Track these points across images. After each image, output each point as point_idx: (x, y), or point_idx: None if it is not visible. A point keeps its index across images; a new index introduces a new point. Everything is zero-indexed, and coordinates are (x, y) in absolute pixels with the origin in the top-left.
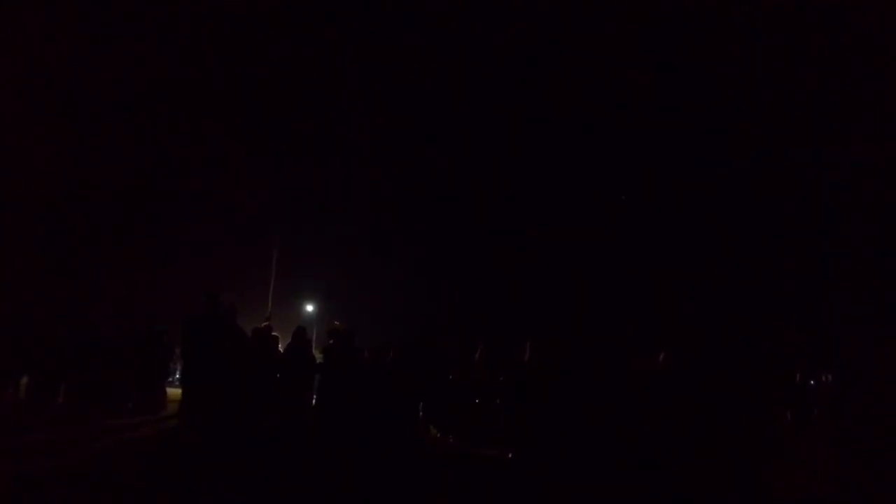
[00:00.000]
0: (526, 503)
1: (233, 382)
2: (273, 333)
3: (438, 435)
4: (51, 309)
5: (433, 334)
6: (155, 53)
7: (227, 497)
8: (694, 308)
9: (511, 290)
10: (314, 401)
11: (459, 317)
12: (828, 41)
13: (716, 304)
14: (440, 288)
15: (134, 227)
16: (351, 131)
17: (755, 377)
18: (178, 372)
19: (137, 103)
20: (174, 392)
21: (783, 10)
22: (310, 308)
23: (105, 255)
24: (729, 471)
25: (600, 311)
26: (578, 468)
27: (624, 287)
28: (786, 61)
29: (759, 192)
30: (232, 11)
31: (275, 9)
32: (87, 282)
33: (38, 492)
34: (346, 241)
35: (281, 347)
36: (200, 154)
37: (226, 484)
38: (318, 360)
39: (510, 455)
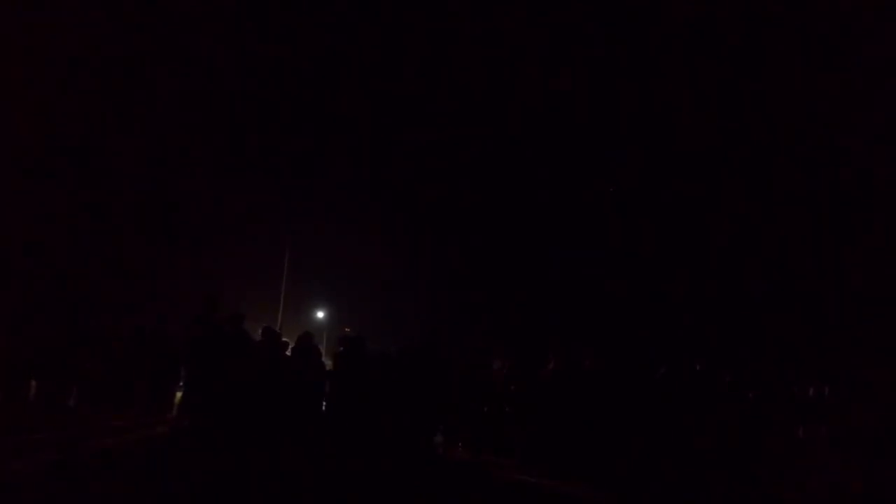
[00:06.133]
0: None
1: (235, 387)
2: (283, 339)
3: (445, 442)
4: (61, 312)
5: (443, 341)
6: (161, 54)
7: (231, 501)
8: (705, 320)
9: (524, 298)
10: (324, 407)
11: (471, 324)
12: (826, 41)
13: (727, 317)
14: (452, 294)
15: (146, 231)
16: (364, 137)
17: (767, 390)
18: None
19: (144, 105)
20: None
21: (781, 11)
22: (320, 314)
23: (116, 258)
24: (742, 484)
25: (609, 323)
26: (591, 478)
27: (632, 298)
28: (789, 59)
29: (764, 198)
30: (238, 11)
31: (283, 10)
32: (98, 285)
33: (43, 490)
34: (358, 247)
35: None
36: (213, 159)
37: (231, 488)
38: (328, 367)
39: (519, 464)
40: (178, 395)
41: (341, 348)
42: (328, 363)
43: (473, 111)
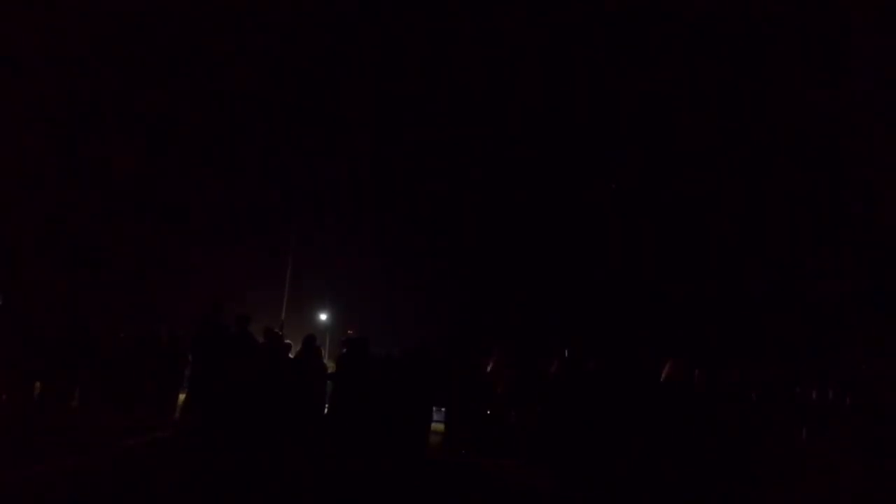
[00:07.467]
0: None
1: (238, 389)
2: (286, 341)
3: (446, 443)
4: (65, 313)
5: (444, 343)
6: (163, 54)
7: (232, 501)
8: (705, 320)
9: (524, 298)
10: (326, 409)
11: (474, 325)
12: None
13: (727, 317)
14: (454, 296)
15: (150, 233)
16: (364, 137)
17: (769, 391)
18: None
19: (145, 104)
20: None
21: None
22: (323, 316)
23: (121, 260)
24: (742, 485)
25: (610, 323)
26: (591, 478)
27: (633, 299)
28: (789, 59)
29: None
30: (238, 11)
31: (285, 13)
32: (102, 286)
33: (47, 492)
34: (361, 248)
35: (292, 356)
36: (216, 160)
37: (232, 488)
38: (330, 370)
39: (519, 465)
40: (182, 396)
41: (344, 350)
42: (331, 365)
43: (473, 111)
